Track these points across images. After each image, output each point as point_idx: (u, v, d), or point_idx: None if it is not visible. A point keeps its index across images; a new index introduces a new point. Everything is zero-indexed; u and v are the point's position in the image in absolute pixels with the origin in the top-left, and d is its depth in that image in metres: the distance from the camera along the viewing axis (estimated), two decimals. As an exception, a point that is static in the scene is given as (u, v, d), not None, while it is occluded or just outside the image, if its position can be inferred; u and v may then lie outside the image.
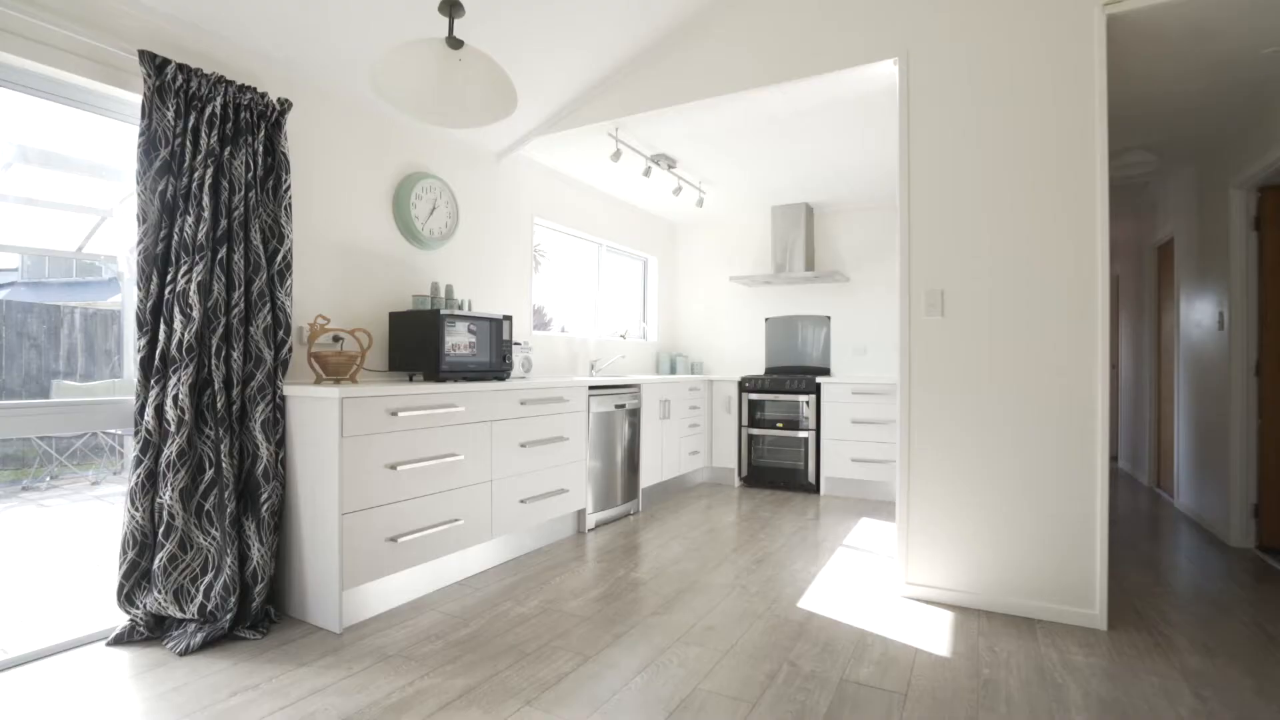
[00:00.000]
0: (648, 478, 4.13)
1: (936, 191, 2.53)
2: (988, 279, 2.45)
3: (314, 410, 2.22)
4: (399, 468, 2.35)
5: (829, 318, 5.09)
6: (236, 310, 2.23)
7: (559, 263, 4.55)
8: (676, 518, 3.88)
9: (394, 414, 2.34)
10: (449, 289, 3.10)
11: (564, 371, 4.32)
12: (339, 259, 2.81)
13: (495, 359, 3.04)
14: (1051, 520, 2.34)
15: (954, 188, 2.50)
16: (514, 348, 3.55)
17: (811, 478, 4.60)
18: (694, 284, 5.72)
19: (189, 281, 2.12)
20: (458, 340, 2.83)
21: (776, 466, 4.73)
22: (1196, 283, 3.85)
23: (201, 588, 2.11)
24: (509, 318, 3.12)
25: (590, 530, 3.56)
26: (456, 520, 2.61)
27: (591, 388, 3.57)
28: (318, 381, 2.46)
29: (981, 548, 2.44)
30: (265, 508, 2.21)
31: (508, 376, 3.14)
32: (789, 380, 4.68)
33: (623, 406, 3.81)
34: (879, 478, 4.36)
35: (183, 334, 2.10)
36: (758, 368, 5.39)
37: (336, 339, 2.73)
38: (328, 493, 2.18)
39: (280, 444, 2.29)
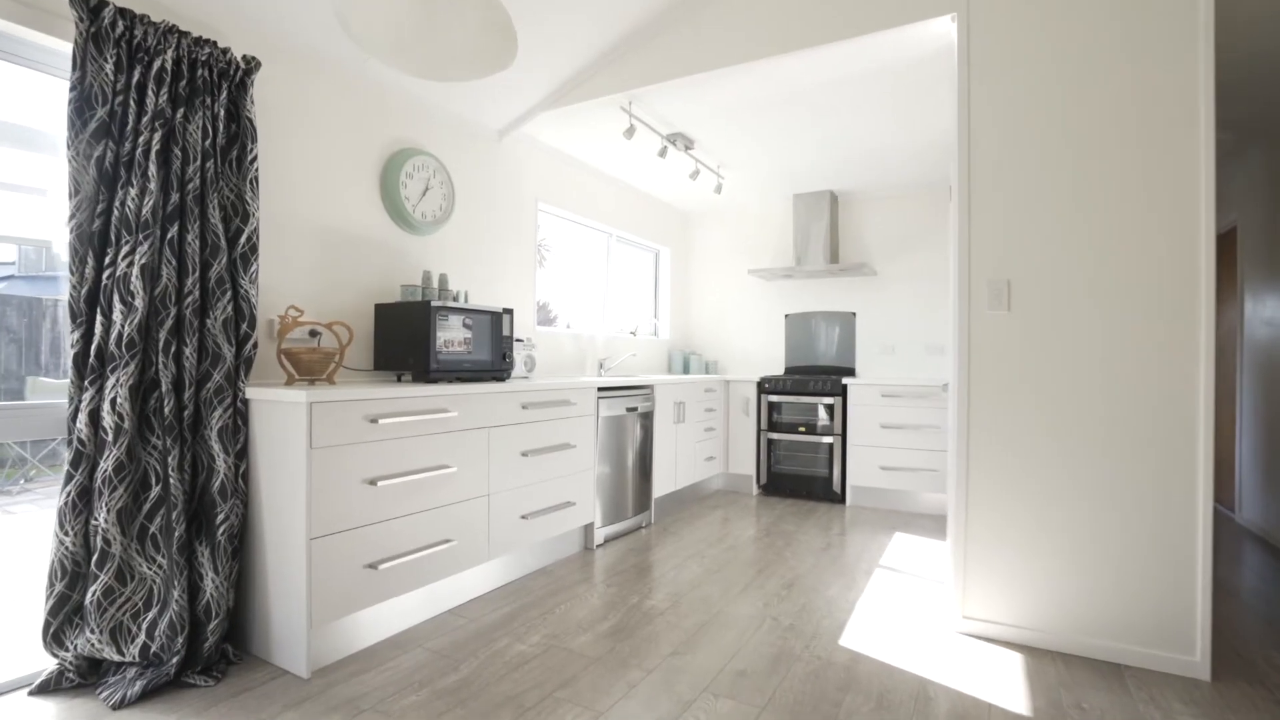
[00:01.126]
0: (661, 487, 3.80)
1: (1001, 168, 2.19)
2: (1063, 269, 2.11)
3: (280, 416, 1.90)
4: (380, 483, 2.02)
5: (854, 314, 4.75)
6: (190, 299, 1.91)
7: (566, 254, 4.22)
8: (692, 531, 3.55)
9: (374, 421, 2.02)
10: (443, 279, 2.77)
11: (570, 371, 3.99)
12: (317, 243, 2.48)
13: (494, 357, 2.71)
14: (1143, 549, 1.99)
15: (1022, 163, 2.16)
16: (516, 345, 3.22)
17: (836, 486, 4.26)
18: (709, 278, 5.38)
19: (131, 264, 1.80)
20: (451, 336, 2.51)
21: (798, 474, 4.39)
22: (1266, 277, 3.49)
23: (144, 625, 1.79)
24: (510, 311, 2.79)
25: (599, 546, 3.23)
26: (448, 541, 2.29)
27: (601, 389, 3.24)
28: (289, 383, 2.14)
29: (1056, 579, 2.10)
30: (222, 530, 1.89)
31: (508, 377, 2.81)
32: (813, 381, 4.34)
33: (634, 410, 3.48)
34: (909, 487, 4.02)
35: (123, 326, 1.78)
36: (776, 367, 5.06)
37: (314, 334, 2.41)
38: (294, 514, 1.86)
39: (241, 455, 1.97)
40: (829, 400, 4.28)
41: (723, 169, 4.14)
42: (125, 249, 1.79)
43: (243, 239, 2.04)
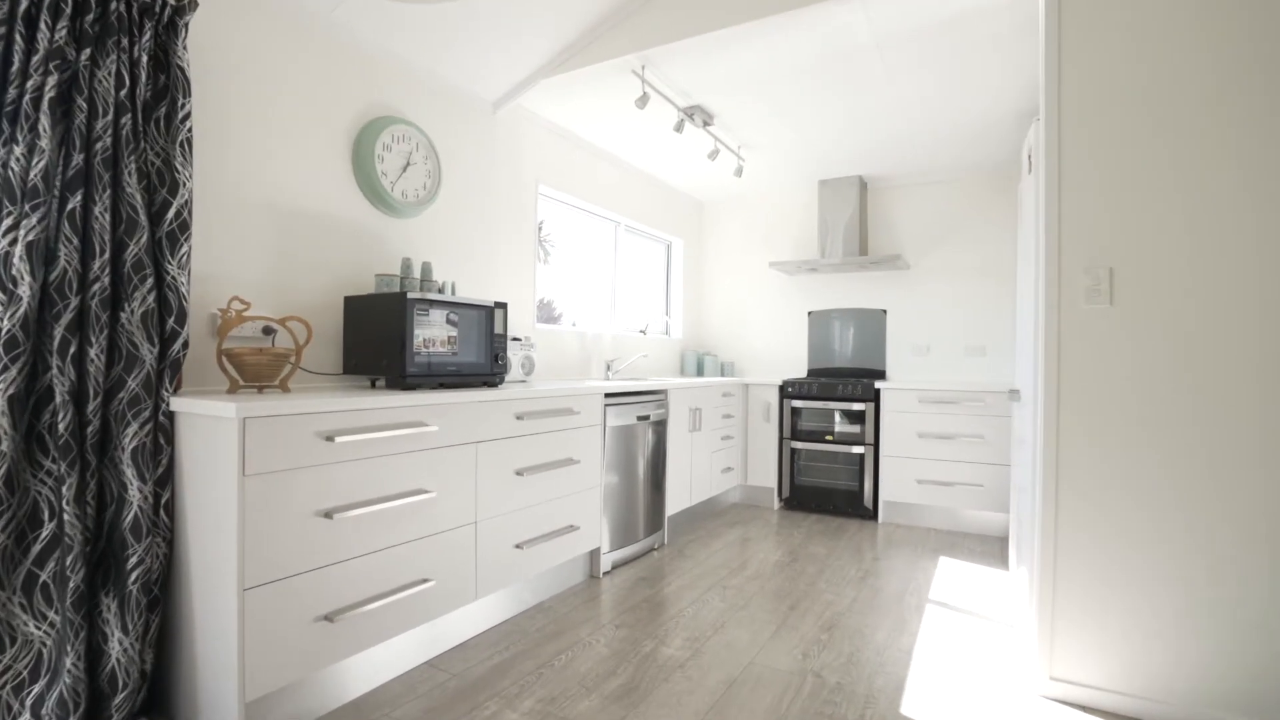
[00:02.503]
0: (675, 503, 3.41)
1: (1102, 132, 1.79)
2: (1183, 254, 1.70)
3: (208, 433, 1.52)
4: (338, 515, 1.64)
5: (884, 311, 4.34)
6: (97, 287, 1.53)
7: (570, 245, 3.83)
8: (710, 554, 3.15)
9: (330, 439, 1.63)
10: (426, 267, 2.38)
11: (575, 374, 3.60)
12: (275, 223, 2.10)
13: (485, 359, 2.33)
14: (1291, 605, 1.59)
15: (1129, 128, 1.76)
16: (511, 345, 2.84)
17: (867, 501, 3.85)
18: (725, 272, 4.98)
19: (14, 242, 1.41)
20: (432, 334, 2.12)
21: (824, 487, 3.99)
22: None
23: (29, 701, 1.41)
24: (503, 306, 2.40)
25: (606, 574, 2.84)
26: (425, 582, 1.90)
27: (609, 395, 2.85)
28: (232, 390, 1.76)
29: (1173, 635, 1.70)
30: (135, 577, 1.51)
31: (501, 382, 2.42)
32: (842, 385, 3.93)
33: (646, 418, 3.09)
34: (951, 504, 3.61)
35: (2, 321, 1.40)
36: (798, 369, 4.65)
37: (268, 331, 2.03)
38: (224, 556, 1.47)
39: (163, 482, 1.59)
40: (859, 406, 3.87)
41: (744, 150, 3.74)
42: (6, 222, 1.41)
43: (170, 214, 1.66)
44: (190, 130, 1.71)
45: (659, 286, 4.78)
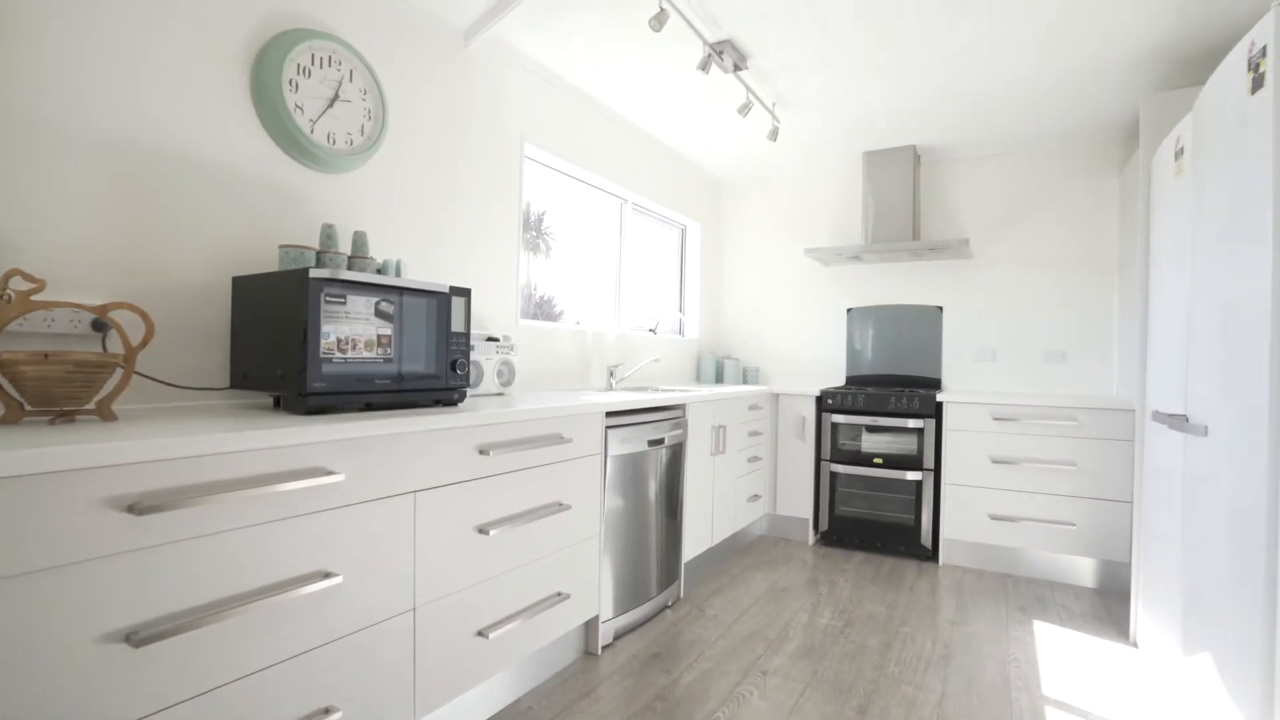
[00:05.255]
0: (694, 545, 2.73)
1: None
2: None
3: (-107, 509, 0.84)
4: (148, 642, 0.96)
5: (939, 308, 3.65)
6: None
7: (566, 224, 3.15)
8: (737, 614, 2.47)
9: (130, 509, 0.95)
10: (359, 238, 1.71)
11: (571, 382, 2.93)
12: (124, 170, 1.43)
13: (436, 367, 1.65)
14: None
15: None
16: (484, 347, 2.16)
17: (925, 539, 3.17)
18: (748, 261, 4.29)
19: None
20: (353, 332, 1.45)
21: (871, 519, 3.30)
22: None
23: None
24: (464, 293, 1.73)
25: (607, 647, 2.16)
26: (327, 714, 1.23)
27: (612, 414, 2.17)
28: (11, 420, 1.09)
29: None
30: None
31: (462, 399, 1.75)
32: (895, 397, 3.25)
33: (660, 442, 2.41)
34: (1029, 545, 2.92)
35: None
36: (833, 375, 3.96)
37: (99, 326, 1.35)
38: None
39: None
40: (916, 423, 3.19)
41: (780, 108, 3.05)
42: None
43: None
44: (-73, -5, 1.04)
45: (672, 278, 4.09)
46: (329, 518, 1.23)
